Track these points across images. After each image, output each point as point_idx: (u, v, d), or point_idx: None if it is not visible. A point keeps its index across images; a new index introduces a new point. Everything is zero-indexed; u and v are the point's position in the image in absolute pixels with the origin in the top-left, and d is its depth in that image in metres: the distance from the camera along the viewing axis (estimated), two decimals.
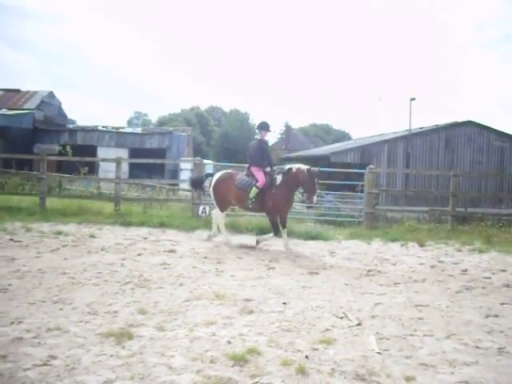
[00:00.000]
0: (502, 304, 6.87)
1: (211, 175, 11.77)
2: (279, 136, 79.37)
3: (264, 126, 11.13)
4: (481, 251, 10.82)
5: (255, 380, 4.09)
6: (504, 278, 8.50)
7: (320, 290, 7.23)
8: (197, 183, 12.19)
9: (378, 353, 4.80)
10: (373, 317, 5.99)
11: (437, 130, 32.56)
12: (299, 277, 8.01)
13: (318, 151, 43.59)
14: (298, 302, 6.49)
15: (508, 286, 7.99)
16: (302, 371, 4.25)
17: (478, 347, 5.12)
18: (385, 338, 5.27)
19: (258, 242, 10.64)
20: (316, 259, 9.66)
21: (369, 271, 8.59)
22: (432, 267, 9.21)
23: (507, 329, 5.76)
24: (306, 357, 4.60)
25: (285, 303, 6.36)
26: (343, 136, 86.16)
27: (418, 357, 4.77)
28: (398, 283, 7.83)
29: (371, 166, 14.71)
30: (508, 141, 32.58)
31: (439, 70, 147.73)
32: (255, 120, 72.31)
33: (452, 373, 4.44)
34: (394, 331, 5.48)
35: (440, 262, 9.69)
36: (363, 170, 14.56)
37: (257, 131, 11.51)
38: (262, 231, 11.89)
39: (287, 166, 10.82)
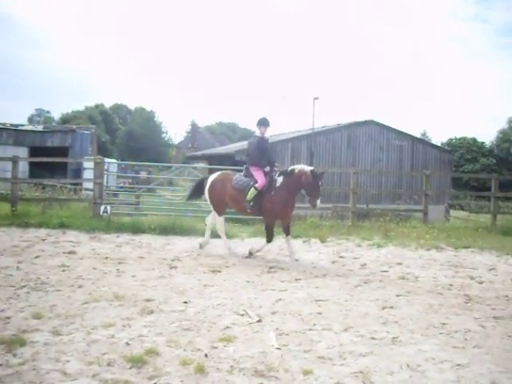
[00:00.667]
0: (398, 296, 7.15)
1: (207, 177, 10.89)
2: (185, 134, 78.92)
3: (263, 122, 10.23)
4: (379, 246, 11.26)
5: (153, 381, 4.01)
6: (400, 271, 8.88)
7: (222, 287, 7.23)
8: (199, 190, 11.02)
9: (278, 348, 4.85)
10: (273, 313, 6.05)
11: (339, 128, 33.49)
12: (201, 275, 7.97)
13: (223, 149, 43.61)
14: (199, 300, 6.45)
15: (403, 278, 8.34)
16: (200, 370, 4.22)
17: (373, 338, 5.29)
18: (284, 333, 5.33)
19: (251, 254, 9.87)
20: (218, 257, 9.65)
21: (271, 268, 8.69)
22: (333, 262, 9.46)
23: (401, 319, 6.01)
24: (206, 355, 4.57)
25: (186, 302, 6.31)
26: (249, 134, 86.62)
27: (316, 350, 4.86)
28: (300, 279, 7.97)
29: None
30: (406, 140, 34.12)
31: (342, 70, 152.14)
32: (161, 118, 71.50)
33: (348, 364, 4.56)
34: (294, 326, 5.56)
35: (341, 257, 9.98)
36: None
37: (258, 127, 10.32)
38: (164, 230, 11.77)
39: (290, 167, 9.98)
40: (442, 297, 7.21)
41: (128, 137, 69.14)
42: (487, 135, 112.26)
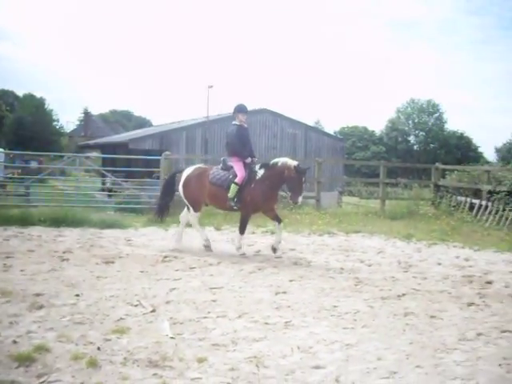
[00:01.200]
0: (291, 281, 7.33)
1: (180, 171, 10.27)
2: (78, 123, 76.22)
3: (242, 109, 9.70)
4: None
5: (42, 379, 3.85)
6: (293, 257, 9.10)
7: (115, 279, 7.07)
8: (170, 185, 10.31)
9: (172, 338, 4.83)
10: (167, 302, 6.01)
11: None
12: (94, 267, 7.75)
13: (116, 138, 42.50)
14: (91, 292, 6.28)
15: (296, 263, 8.54)
16: (93, 364, 4.11)
17: (266, 323, 5.39)
18: (179, 322, 5.31)
19: (239, 249, 9.23)
20: (112, 248, 9.41)
21: (165, 257, 8.59)
22: (227, 250, 9.48)
23: (294, 303, 6.16)
24: (98, 348, 4.46)
25: (78, 295, 6.12)
26: (144, 123, 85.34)
27: (211, 338, 4.88)
28: (194, 267, 7.96)
29: (167, 153, 14.85)
30: (300, 128, 34.91)
31: (237, 58, 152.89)
32: (52, 105, 68.51)
33: (242, 350, 4.61)
34: (188, 315, 5.55)
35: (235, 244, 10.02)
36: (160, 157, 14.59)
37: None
38: (56, 222, 11.31)
39: (273, 160, 9.49)
40: (334, 280, 7.47)
41: (16, 125, 65.50)
42: (377, 124, 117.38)
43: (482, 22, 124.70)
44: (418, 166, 40.47)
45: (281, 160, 9.29)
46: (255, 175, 9.26)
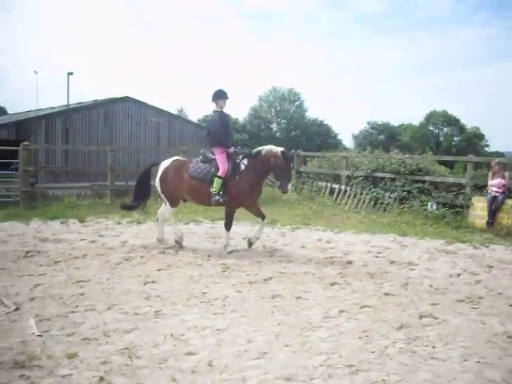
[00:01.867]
0: (159, 270, 7.33)
1: (156, 164, 9.62)
2: None
3: (222, 95, 8.97)
4: (139, 222, 11.35)
5: None
6: (160, 246, 9.04)
7: None
8: (144, 179, 9.70)
9: (39, 335, 4.67)
10: (32, 299, 5.79)
11: (96, 105, 32.59)
12: None
13: None
14: None
15: (164, 252, 8.53)
16: None
17: (137, 314, 5.39)
18: (46, 318, 5.15)
19: (226, 248, 8.78)
20: None
21: (27, 252, 8.19)
22: (93, 242, 9.26)
23: (163, 293, 6.19)
24: None
25: None
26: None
27: (80, 332, 4.80)
28: (59, 261, 7.68)
29: (25, 143, 14.04)
30: (163, 116, 34.62)
31: (98, 46, 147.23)
32: None
33: (113, 342, 4.57)
34: (55, 311, 5.39)
35: (101, 236, 9.81)
36: (18, 148, 13.80)
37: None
38: None
39: (256, 149, 9.02)
40: (202, 268, 7.58)
41: None
42: (240, 112, 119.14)
43: (340, 15, 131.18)
44: None
45: (265, 148, 8.86)
46: (239, 166, 8.80)
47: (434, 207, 13.22)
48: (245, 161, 8.84)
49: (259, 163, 8.72)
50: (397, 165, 14.40)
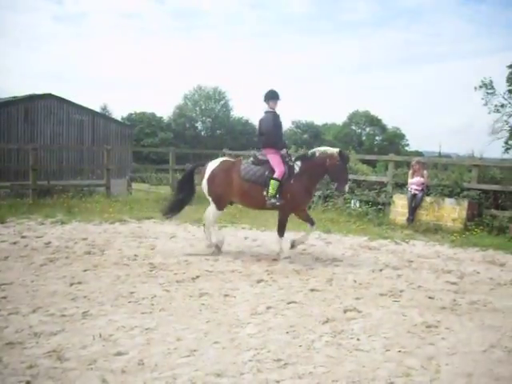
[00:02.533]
0: (85, 271, 7.21)
1: (201, 165, 9.30)
2: None
3: (274, 95, 8.73)
4: (63, 222, 11.09)
5: None
6: (85, 246, 8.89)
7: None
8: (188, 180, 9.35)
9: None
10: None
11: (15, 102, 31.38)
12: None
13: None
14: None
15: (89, 253, 8.38)
16: None
17: (63, 315, 5.29)
18: None
19: (280, 255, 8.49)
20: None
21: None
22: (14, 243, 8.96)
23: (90, 293, 6.11)
24: None
25: None
26: None
27: (4, 337, 4.66)
28: None
29: None
30: (87, 114, 33.78)
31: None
32: None
33: (40, 345, 4.48)
34: None
35: (23, 237, 9.50)
36: None
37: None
38: None
39: (310, 150, 8.79)
40: (128, 267, 7.51)
41: None
42: (165, 110, 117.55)
43: (265, 15, 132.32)
44: (206, 152, 41.57)
45: (319, 149, 8.68)
46: (293, 169, 8.55)
47: (357, 205, 13.66)
48: (298, 163, 8.62)
49: (314, 165, 8.50)
50: None
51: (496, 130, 47.54)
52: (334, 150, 8.49)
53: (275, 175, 8.31)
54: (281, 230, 8.65)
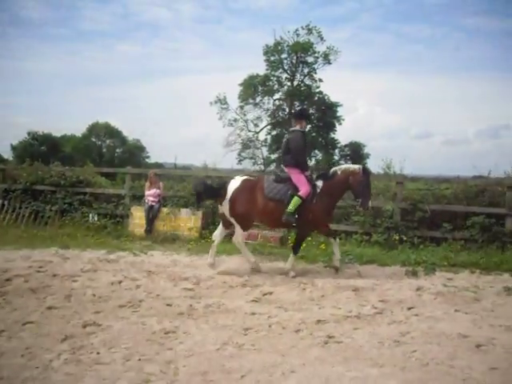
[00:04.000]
0: None
1: (222, 184, 9.06)
2: None
3: (307, 115, 8.85)
4: None
5: None
6: None
7: None
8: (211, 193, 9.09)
9: None
10: None
11: None
12: None
13: None
14: None
15: None
16: None
17: None
18: None
19: (289, 273, 8.55)
20: None
21: None
22: None
23: None
24: None
25: None
26: None
27: None
28: None
29: None
30: None
31: None
32: None
33: None
34: None
35: None
36: None
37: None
38: None
39: (332, 169, 8.74)
40: None
41: None
42: None
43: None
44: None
45: (341, 167, 8.73)
46: (316, 189, 8.49)
47: (96, 218, 13.43)
48: (319, 183, 8.60)
49: (336, 184, 8.57)
50: (57, 177, 14.13)
51: (230, 143, 51.52)
52: (357, 167, 8.65)
53: (300, 193, 8.32)
54: (297, 248, 8.85)
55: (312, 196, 8.48)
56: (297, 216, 8.40)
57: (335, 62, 50.41)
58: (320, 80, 51.22)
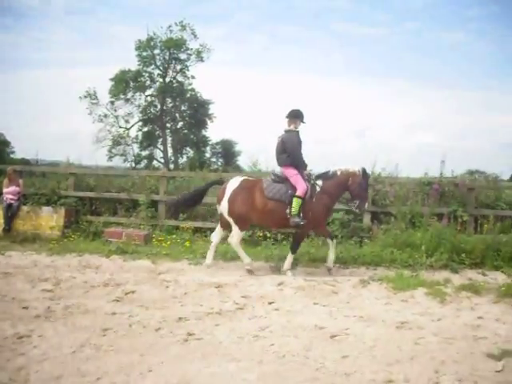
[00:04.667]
0: None
1: (218, 183, 9.40)
2: None
3: (301, 115, 8.76)
4: None
5: None
6: None
7: None
8: (201, 194, 9.42)
9: None
10: None
11: None
12: None
13: None
14: None
15: None
16: None
17: None
18: None
19: (287, 273, 8.68)
20: None
21: None
22: None
23: None
24: None
25: None
26: None
27: None
28: None
29: None
30: None
31: None
32: None
33: None
34: None
35: None
36: None
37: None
38: None
39: (331, 169, 8.78)
40: None
41: None
42: None
43: None
44: None
45: (340, 168, 8.73)
46: (315, 188, 8.61)
47: None
48: (319, 182, 8.67)
49: (336, 184, 8.66)
50: None
51: (100, 139, 49.74)
52: (356, 169, 8.67)
53: (298, 193, 8.35)
54: (295, 247, 8.90)
55: (311, 195, 8.61)
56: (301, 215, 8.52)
57: (208, 59, 50.54)
58: (192, 77, 50.95)
